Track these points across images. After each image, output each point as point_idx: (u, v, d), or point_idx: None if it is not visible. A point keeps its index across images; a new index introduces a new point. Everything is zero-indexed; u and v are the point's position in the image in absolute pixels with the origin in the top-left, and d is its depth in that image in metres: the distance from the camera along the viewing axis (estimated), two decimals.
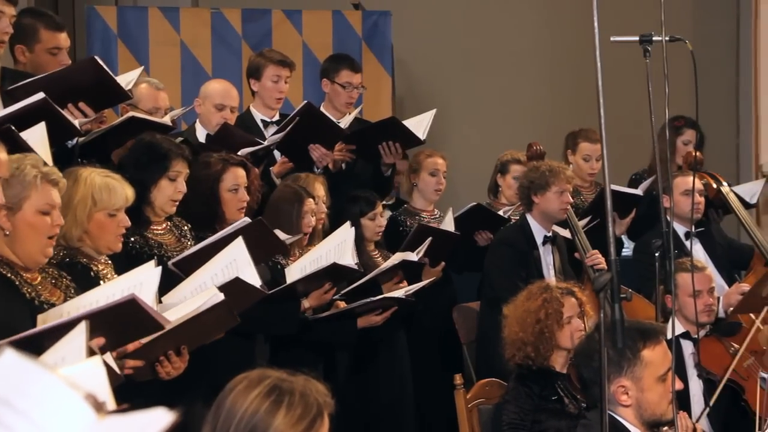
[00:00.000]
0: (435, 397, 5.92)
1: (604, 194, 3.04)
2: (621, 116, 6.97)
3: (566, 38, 8.27)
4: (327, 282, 5.06)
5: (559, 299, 4.68)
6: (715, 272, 6.38)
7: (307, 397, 2.22)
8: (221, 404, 2.24)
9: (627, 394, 3.49)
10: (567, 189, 6.00)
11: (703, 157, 6.86)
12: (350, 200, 5.93)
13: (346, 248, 5.14)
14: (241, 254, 4.22)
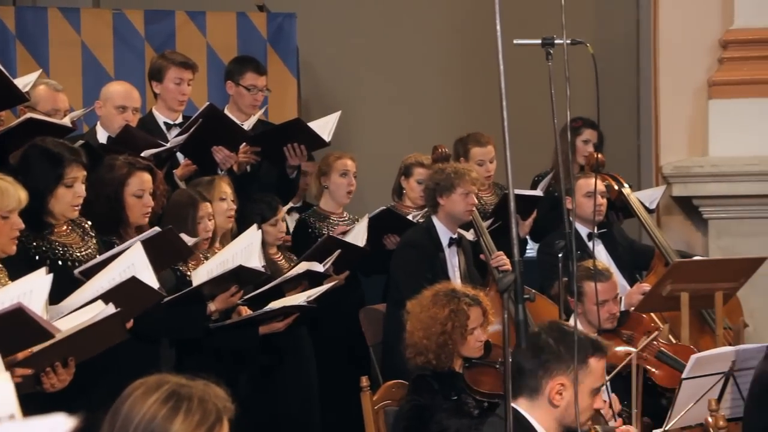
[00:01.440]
0: (342, 399, 5.91)
1: (508, 196, 3.06)
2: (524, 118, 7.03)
3: (471, 41, 8.32)
4: (233, 285, 5.03)
5: (465, 311, 4.71)
6: (617, 272, 6.46)
7: (205, 403, 2.20)
8: (118, 410, 2.21)
9: (561, 394, 3.52)
10: (472, 191, 6.04)
11: (604, 159, 6.95)
12: (252, 204, 5.89)
13: (253, 251, 5.11)
14: (139, 258, 4.18)
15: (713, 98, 7.31)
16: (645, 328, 5.73)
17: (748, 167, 7.13)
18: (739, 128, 7.21)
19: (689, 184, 7.28)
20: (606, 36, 8.33)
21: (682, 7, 7.43)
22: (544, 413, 3.53)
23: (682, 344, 5.80)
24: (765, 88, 7.23)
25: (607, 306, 5.53)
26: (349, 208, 6.61)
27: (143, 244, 4.26)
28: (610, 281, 5.59)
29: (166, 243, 4.65)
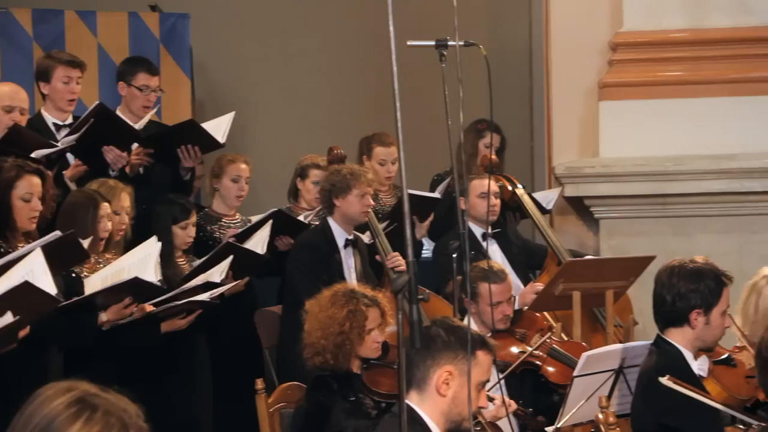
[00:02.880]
0: (237, 402, 5.87)
1: (402, 197, 3.07)
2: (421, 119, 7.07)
3: (365, 42, 8.34)
4: (127, 296, 4.97)
5: (363, 312, 4.73)
6: (511, 272, 6.53)
7: (109, 416, 2.17)
8: (25, 409, 2.19)
9: (448, 383, 3.55)
10: (368, 192, 6.06)
11: (498, 160, 7.02)
12: (164, 204, 5.82)
13: (150, 262, 5.05)
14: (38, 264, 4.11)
15: (604, 100, 7.43)
16: (538, 326, 5.80)
17: (637, 168, 7.26)
18: (629, 129, 7.34)
19: (581, 184, 7.38)
20: (499, 37, 8.41)
21: (572, 10, 7.53)
22: (432, 405, 3.56)
23: (575, 342, 5.88)
24: (654, 89, 7.37)
25: (501, 307, 5.58)
26: (244, 211, 6.56)
27: (43, 249, 4.20)
28: (505, 283, 5.64)
29: (65, 247, 4.59)
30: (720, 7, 7.30)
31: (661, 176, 7.24)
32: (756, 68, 7.30)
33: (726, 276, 4.46)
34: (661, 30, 7.36)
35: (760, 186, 7.18)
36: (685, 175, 7.24)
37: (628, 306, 6.62)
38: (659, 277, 4.49)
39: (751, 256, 7.00)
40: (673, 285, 4.41)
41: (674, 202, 7.30)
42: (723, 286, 4.43)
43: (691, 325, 4.41)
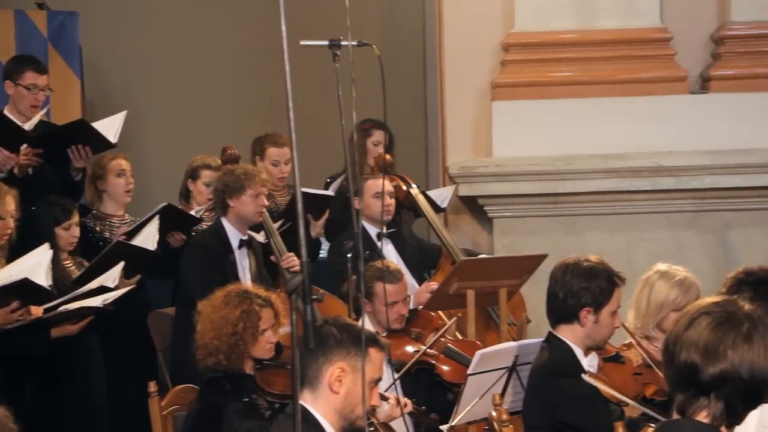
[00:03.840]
0: (131, 405, 5.80)
1: (296, 197, 3.06)
2: (315, 119, 7.05)
3: (258, 41, 8.30)
4: (15, 300, 4.87)
5: (257, 312, 4.71)
6: (406, 271, 6.55)
7: None
8: None
9: (341, 380, 3.55)
10: (262, 192, 6.04)
11: (392, 160, 7.04)
12: (44, 206, 5.72)
13: (41, 269, 4.97)
14: None
15: (496, 100, 7.50)
16: (433, 325, 5.83)
17: (530, 167, 7.33)
18: (521, 129, 7.42)
19: (474, 183, 7.44)
20: (393, 37, 8.44)
21: (465, 10, 7.58)
22: (325, 403, 3.56)
23: (469, 340, 5.93)
24: (545, 90, 7.45)
25: (397, 307, 5.60)
26: (136, 212, 6.48)
27: None
28: (401, 283, 5.67)
29: None
30: (608, 8, 7.42)
31: (553, 175, 7.33)
32: (644, 69, 7.44)
33: (619, 277, 4.54)
34: (552, 31, 7.45)
35: (648, 185, 7.32)
36: (576, 174, 7.34)
37: (522, 304, 6.69)
38: (554, 273, 4.55)
39: (640, 253, 7.14)
40: (565, 282, 4.48)
41: (565, 201, 7.40)
42: (614, 287, 4.50)
43: (581, 323, 4.48)
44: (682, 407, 2.74)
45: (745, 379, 2.68)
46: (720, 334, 2.69)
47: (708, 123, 7.36)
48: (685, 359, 2.71)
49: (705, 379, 2.69)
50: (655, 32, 7.45)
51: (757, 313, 2.75)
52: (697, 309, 2.76)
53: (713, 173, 7.29)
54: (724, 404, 2.70)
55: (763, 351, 2.69)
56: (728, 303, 2.77)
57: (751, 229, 7.31)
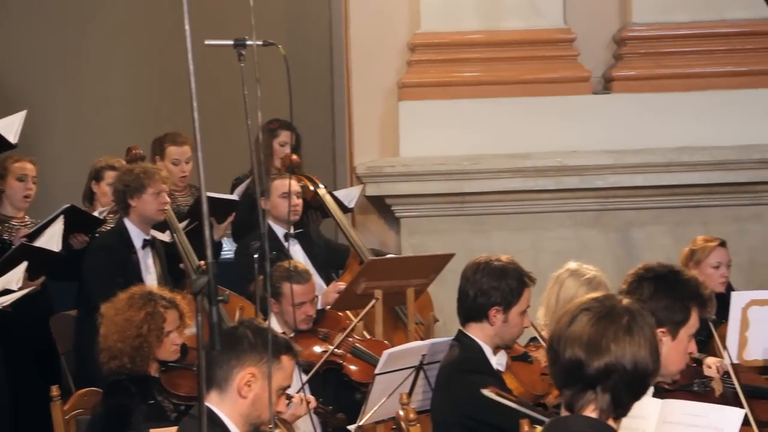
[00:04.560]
0: (33, 410, 5.71)
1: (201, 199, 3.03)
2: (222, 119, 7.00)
3: (163, 40, 8.21)
4: None
5: (162, 314, 4.67)
6: (314, 272, 6.54)
7: None
8: None
9: (250, 385, 3.52)
10: (163, 189, 5.99)
11: (299, 160, 7.03)
12: None
13: None
14: None
15: (403, 100, 7.51)
16: (340, 325, 5.83)
17: (436, 167, 7.37)
18: (428, 129, 7.45)
19: (382, 183, 7.45)
20: (299, 37, 8.42)
21: (371, 10, 7.59)
22: (231, 406, 3.53)
23: (376, 340, 5.94)
24: (451, 90, 7.49)
25: (304, 307, 5.59)
26: (37, 214, 6.37)
27: None
28: (308, 283, 5.66)
29: None
30: (513, 9, 7.48)
31: (460, 175, 7.37)
32: (548, 69, 7.51)
33: (529, 277, 4.58)
34: (457, 31, 7.49)
35: (553, 184, 7.40)
36: (482, 173, 7.39)
37: (429, 303, 6.72)
38: (465, 272, 4.58)
39: (545, 252, 7.22)
40: (476, 281, 4.51)
41: (472, 200, 7.44)
42: (524, 287, 4.54)
43: (490, 322, 4.51)
44: (570, 403, 2.78)
45: (628, 370, 2.72)
46: (602, 329, 2.74)
47: (611, 123, 7.47)
48: (570, 356, 2.74)
49: (590, 373, 2.73)
50: (558, 33, 7.53)
51: (635, 306, 2.81)
52: (578, 306, 2.81)
53: (616, 172, 7.39)
54: (610, 397, 2.74)
55: (643, 342, 2.75)
56: (606, 298, 2.82)
57: (653, 227, 7.43)
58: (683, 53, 7.52)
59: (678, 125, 7.42)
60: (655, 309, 3.53)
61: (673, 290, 3.59)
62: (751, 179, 7.36)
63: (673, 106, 7.44)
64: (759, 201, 7.42)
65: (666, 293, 3.57)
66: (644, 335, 2.76)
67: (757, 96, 7.40)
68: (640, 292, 3.59)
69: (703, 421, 3.60)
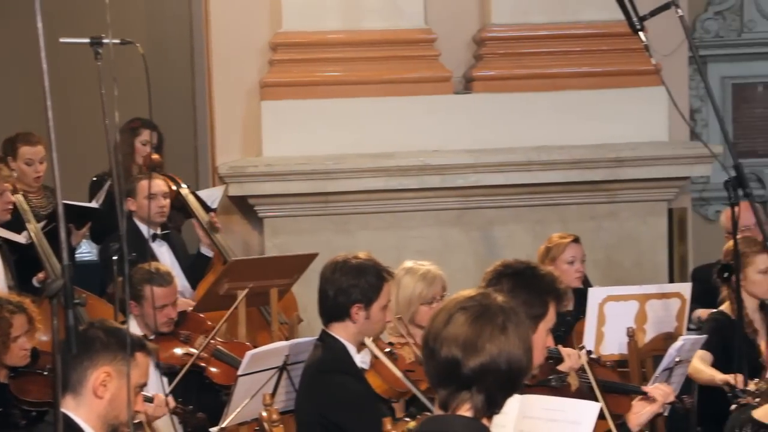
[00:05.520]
0: None
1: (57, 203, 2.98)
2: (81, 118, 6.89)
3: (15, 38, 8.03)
4: None
5: (8, 319, 4.57)
6: (180, 273, 6.49)
7: None
8: None
9: (106, 385, 3.47)
10: (6, 189, 5.87)
11: (162, 159, 6.95)
12: None
13: None
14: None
15: (265, 99, 7.48)
16: (202, 327, 5.79)
17: (300, 167, 7.35)
18: (291, 129, 7.43)
19: (245, 183, 7.40)
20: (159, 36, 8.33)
21: (232, 9, 7.52)
22: (88, 409, 3.47)
23: (239, 342, 5.91)
24: (314, 89, 7.47)
25: (166, 310, 5.55)
26: None
27: None
28: (170, 286, 5.61)
29: None
30: (374, 10, 7.50)
31: (323, 175, 7.37)
32: (409, 69, 7.55)
33: (387, 272, 4.62)
34: (319, 31, 7.47)
35: (416, 183, 7.45)
36: (346, 173, 7.40)
37: (294, 303, 6.71)
38: (323, 272, 4.60)
39: (409, 251, 7.24)
40: (335, 280, 4.53)
41: (336, 200, 7.45)
42: (383, 282, 4.58)
43: (353, 320, 4.53)
44: (445, 402, 2.80)
45: (503, 369, 2.75)
46: (478, 328, 2.76)
47: (472, 122, 7.55)
48: (446, 355, 2.76)
49: (466, 373, 2.75)
50: (419, 33, 7.58)
51: (509, 305, 2.84)
52: (454, 304, 2.83)
53: (477, 171, 7.48)
54: (485, 396, 2.76)
55: (517, 341, 2.78)
56: (482, 296, 2.85)
57: (513, 225, 7.54)
58: (541, 54, 7.64)
59: (537, 125, 7.54)
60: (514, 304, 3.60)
61: (531, 285, 3.67)
62: (606, 177, 7.52)
63: (531, 105, 7.56)
64: (614, 199, 7.59)
65: (524, 288, 3.65)
66: (518, 334, 2.79)
67: (611, 96, 7.57)
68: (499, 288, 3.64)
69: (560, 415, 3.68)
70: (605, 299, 5.91)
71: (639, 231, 7.62)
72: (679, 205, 7.82)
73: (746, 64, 8.91)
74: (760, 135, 8.99)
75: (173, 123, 7.78)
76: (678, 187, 7.68)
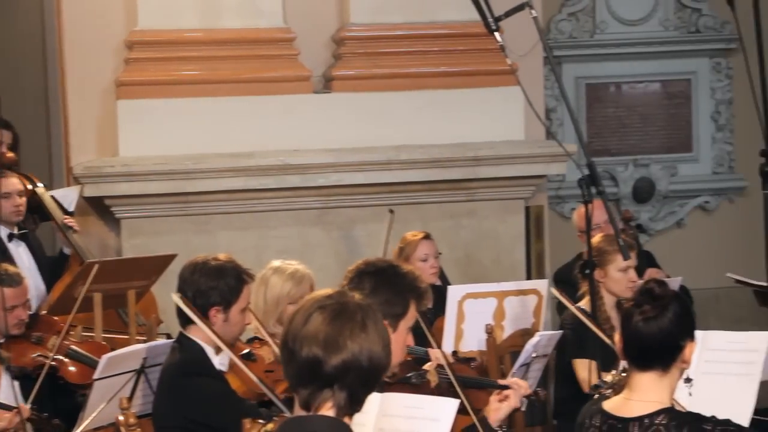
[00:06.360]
0: None
1: None
2: None
3: None
4: None
5: None
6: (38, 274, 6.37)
7: None
8: None
9: None
10: None
11: (17, 158, 6.82)
12: None
13: None
14: None
15: (121, 99, 7.36)
16: (55, 329, 5.69)
17: (158, 167, 7.25)
18: (148, 128, 7.32)
19: (101, 184, 7.27)
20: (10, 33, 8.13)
21: (86, 6, 7.39)
22: None
23: (96, 342, 5.82)
24: (172, 88, 7.38)
25: (16, 312, 5.44)
26: None
27: None
28: (20, 286, 5.50)
29: None
30: (232, 8, 7.44)
31: (182, 175, 7.29)
32: (268, 68, 7.52)
33: (248, 274, 4.59)
34: (176, 29, 7.39)
35: (276, 183, 7.43)
36: (206, 173, 7.34)
37: (153, 305, 6.63)
38: (182, 273, 4.56)
39: (269, 251, 7.23)
40: (194, 281, 4.49)
41: (195, 200, 7.38)
42: (243, 284, 4.56)
43: (211, 322, 4.49)
44: (306, 402, 2.79)
45: (365, 366, 2.76)
46: (338, 326, 2.77)
47: (332, 122, 7.56)
48: (307, 354, 2.76)
49: (328, 371, 2.75)
50: (278, 32, 7.55)
51: (366, 302, 2.86)
52: (312, 304, 2.82)
53: (338, 171, 7.49)
54: (347, 394, 2.77)
55: (377, 337, 2.80)
56: (339, 295, 2.86)
57: (373, 224, 7.57)
58: (399, 53, 7.70)
59: (396, 124, 7.59)
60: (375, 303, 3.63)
61: (392, 284, 3.70)
62: (464, 176, 7.61)
63: (390, 105, 7.61)
64: (473, 197, 7.69)
65: (385, 287, 3.68)
66: (377, 331, 2.81)
67: (469, 96, 7.66)
68: (361, 286, 3.67)
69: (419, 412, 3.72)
70: (464, 297, 5.98)
71: (497, 229, 7.73)
72: (536, 203, 7.96)
73: (599, 64, 9.12)
74: (613, 134, 9.21)
75: (26, 121, 7.61)
76: (535, 185, 7.82)
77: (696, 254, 9.00)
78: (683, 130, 9.26)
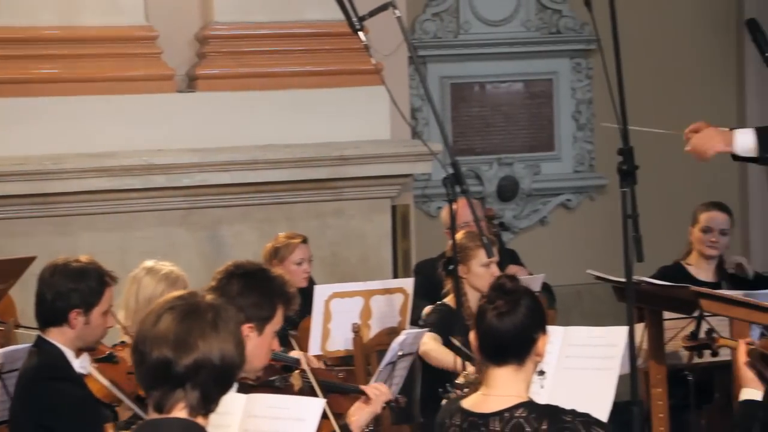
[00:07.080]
0: None
1: None
2: None
3: None
4: None
5: None
6: None
7: None
8: None
9: None
10: None
11: None
12: None
13: None
14: None
15: None
16: None
17: (15, 167, 7.08)
18: (5, 128, 7.13)
19: None
20: None
21: None
22: None
23: None
24: (29, 87, 7.19)
25: None
26: None
27: None
28: None
29: None
30: (91, 5, 7.31)
31: (41, 175, 7.13)
32: (130, 67, 7.41)
33: (110, 276, 4.56)
34: (32, 26, 7.23)
35: (140, 183, 7.33)
36: (66, 173, 7.20)
37: (12, 308, 6.49)
38: (42, 275, 4.51)
39: (133, 252, 7.13)
40: (54, 283, 4.45)
41: (56, 201, 7.23)
42: (105, 287, 4.52)
43: (71, 325, 4.45)
44: (159, 404, 2.78)
45: (216, 365, 2.76)
46: (188, 326, 2.77)
47: (196, 121, 7.49)
48: (158, 356, 2.75)
49: (179, 371, 2.74)
50: (139, 30, 7.45)
51: (218, 302, 2.86)
52: (161, 305, 2.82)
53: (203, 170, 7.42)
54: (199, 393, 2.77)
55: (229, 336, 2.80)
56: (189, 296, 2.86)
57: (240, 224, 7.54)
58: (264, 53, 7.67)
59: (261, 123, 7.56)
60: (243, 305, 3.65)
61: (261, 287, 3.73)
62: (330, 176, 7.62)
63: (256, 104, 7.58)
64: (339, 197, 7.70)
65: (254, 290, 3.70)
66: (229, 329, 2.80)
67: (334, 95, 7.67)
68: (229, 288, 3.69)
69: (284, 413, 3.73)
70: (331, 296, 6.00)
71: (364, 228, 7.76)
72: (402, 202, 8.02)
73: (463, 64, 9.21)
74: (477, 134, 9.31)
75: None
76: (400, 184, 7.87)
77: (559, 251, 9.16)
78: (546, 130, 9.41)
